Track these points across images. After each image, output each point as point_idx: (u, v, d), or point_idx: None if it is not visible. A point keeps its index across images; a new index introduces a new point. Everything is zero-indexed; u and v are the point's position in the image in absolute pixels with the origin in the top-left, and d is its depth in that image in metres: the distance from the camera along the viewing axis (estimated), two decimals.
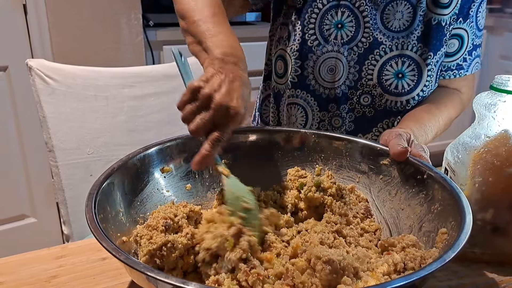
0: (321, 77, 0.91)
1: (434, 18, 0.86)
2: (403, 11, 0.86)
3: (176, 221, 0.56)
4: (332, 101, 0.93)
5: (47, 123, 1.04)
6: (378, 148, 0.69)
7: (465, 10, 0.88)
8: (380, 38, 0.88)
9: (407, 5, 0.86)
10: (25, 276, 0.61)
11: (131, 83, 1.15)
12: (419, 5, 0.86)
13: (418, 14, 0.86)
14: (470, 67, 0.93)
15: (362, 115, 0.94)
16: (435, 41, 0.88)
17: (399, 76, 0.89)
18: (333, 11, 0.88)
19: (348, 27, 0.88)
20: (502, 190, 0.61)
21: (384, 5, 0.87)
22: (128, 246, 0.56)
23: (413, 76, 0.89)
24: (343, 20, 0.88)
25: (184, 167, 0.71)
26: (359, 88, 0.91)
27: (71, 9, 1.68)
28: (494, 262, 0.64)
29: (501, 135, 0.62)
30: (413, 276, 0.42)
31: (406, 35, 0.87)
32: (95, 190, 0.55)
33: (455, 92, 0.96)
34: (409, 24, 0.87)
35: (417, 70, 0.89)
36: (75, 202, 1.08)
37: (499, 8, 2.81)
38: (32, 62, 1.03)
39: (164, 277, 0.41)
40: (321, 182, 0.66)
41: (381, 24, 0.87)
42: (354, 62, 0.90)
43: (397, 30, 0.87)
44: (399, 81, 0.89)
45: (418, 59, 0.88)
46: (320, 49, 0.89)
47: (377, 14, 0.87)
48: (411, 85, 0.89)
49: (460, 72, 0.93)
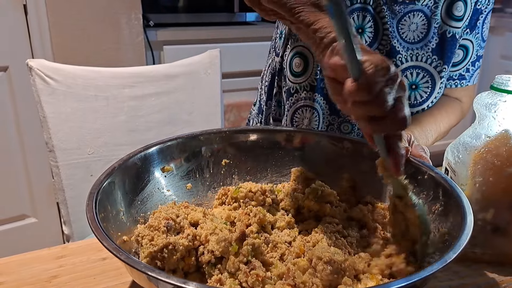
0: None
1: (449, 30, 0.86)
2: (418, 23, 0.86)
3: (178, 222, 0.56)
4: None
5: (47, 123, 1.04)
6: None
7: (473, 22, 0.88)
8: (398, 47, 0.87)
9: (422, 17, 0.85)
10: (26, 276, 0.61)
11: (132, 83, 1.15)
12: (434, 17, 0.85)
13: (433, 26, 0.86)
14: (472, 77, 0.93)
15: None
16: (450, 53, 0.87)
17: (413, 87, 0.88)
18: (355, 15, 0.85)
19: (368, 33, 0.86)
20: (502, 190, 0.61)
21: (401, 15, 0.86)
22: (128, 245, 0.56)
23: (427, 88, 0.88)
24: (364, 24, 0.86)
25: (185, 167, 0.71)
26: None
27: (71, 9, 1.68)
28: (494, 262, 0.64)
29: (501, 135, 0.62)
30: (414, 277, 0.42)
31: (421, 47, 0.87)
32: (95, 190, 0.55)
33: (455, 100, 0.96)
34: (423, 36, 0.86)
35: (431, 82, 0.88)
36: (76, 202, 1.08)
37: (499, 8, 2.81)
38: (33, 62, 1.03)
39: (165, 277, 0.41)
40: (318, 190, 0.64)
41: (397, 34, 0.86)
42: None
43: (411, 42, 0.87)
44: (412, 92, 0.88)
45: (432, 71, 0.88)
46: None
47: (394, 23, 0.86)
48: (423, 96, 0.89)
49: (462, 82, 0.93)
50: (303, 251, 0.55)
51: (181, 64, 1.23)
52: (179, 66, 1.23)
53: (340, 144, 0.73)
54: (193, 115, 1.24)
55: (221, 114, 1.29)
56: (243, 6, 2.23)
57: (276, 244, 0.56)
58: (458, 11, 0.85)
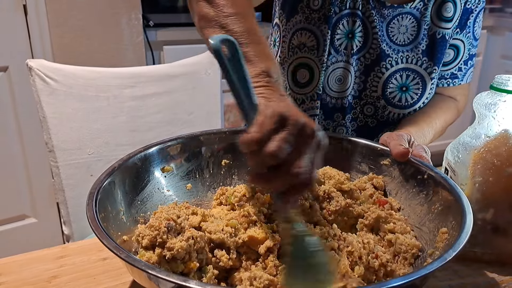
0: (329, 86, 0.90)
1: (439, 32, 0.86)
2: (407, 25, 0.86)
3: (179, 223, 0.56)
4: (339, 110, 0.92)
5: (47, 123, 1.04)
6: (378, 149, 0.69)
7: (463, 21, 0.88)
8: (387, 51, 0.87)
9: (411, 19, 0.85)
10: (26, 276, 0.61)
11: (132, 83, 1.15)
12: (423, 19, 0.85)
13: (423, 28, 0.86)
14: (465, 76, 0.93)
15: (364, 124, 0.93)
16: (440, 54, 0.87)
17: (403, 89, 0.88)
18: (345, 20, 0.86)
19: (358, 37, 0.87)
20: (502, 189, 0.61)
21: (390, 18, 0.86)
22: (129, 245, 0.56)
23: (417, 90, 0.89)
24: (354, 29, 0.86)
25: (185, 167, 0.71)
26: (363, 98, 0.91)
27: (71, 9, 1.68)
28: (494, 262, 0.64)
29: (501, 135, 0.62)
30: (414, 275, 0.42)
31: (411, 49, 0.87)
32: (96, 189, 0.55)
33: (450, 99, 0.96)
34: (413, 38, 0.86)
35: (421, 84, 0.88)
36: (76, 202, 1.08)
37: (499, 8, 2.81)
38: (32, 62, 1.03)
39: (165, 275, 0.41)
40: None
41: (387, 37, 0.87)
42: (360, 73, 0.89)
43: (401, 44, 0.87)
44: (403, 94, 0.89)
45: (423, 73, 0.88)
46: (330, 58, 0.88)
47: (384, 26, 0.86)
48: (414, 98, 0.89)
49: (455, 81, 0.93)
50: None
51: (181, 64, 1.23)
52: (179, 66, 1.23)
53: (340, 144, 0.73)
54: (193, 115, 1.24)
55: (221, 114, 1.30)
56: None
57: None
58: (448, 12, 0.85)
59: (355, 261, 0.53)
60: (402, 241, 0.56)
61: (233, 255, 0.53)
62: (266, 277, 0.49)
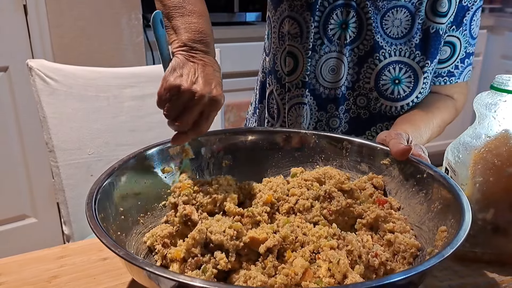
0: (322, 77, 0.91)
1: (432, 26, 0.86)
2: (402, 19, 0.86)
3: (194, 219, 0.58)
4: (332, 101, 0.93)
5: (47, 123, 1.04)
6: (378, 148, 0.69)
7: (459, 18, 0.88)
8: (381, 43, 0.87)
9: (406, 12, 0.86)
10: (26, 276, 0.61)
11: (132, 83, 1.15)
12: (418, 13, 0.86)
13: (417, 22, 0.86)
14: (462, 74, 0.93)
15: (357, 116, 0.94)
16: (433, 49, 0.88)
17: (396, 82, 0.89)
18: (339, 10, 0.87)
19: (352, 28, 0.87)
20: (502, 190, 0.61)
21: (385, 10, 0.86)
22: (129, 245, 0.56)
23: (409, 83, 0.89)
24: (348, 20, 0.87)
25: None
26: (356, 89, 0.91)
27: (71, 9, 1.68)
28: (494, 262, 0.64)
29: (501, 134, 0.62)
30: (411, 271, 0.41)
31: (404, 42, 0.87)
32: (95, 189, 0.55)
33: (447, 97, 0.96)
34: (407, 31, 0.87)
35: (413, 77, 0.89)
36: (76, 202, 1.08)
37: (499, 8, 2.82)
38: (33, 62, 1.04)
39: (164, 272, 0.41)
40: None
41: (381, 29, 0.87)
42: (354, 64, 0.90)
43: (395, 37, 0.87)
44: (395, 87, 0.89)
45: (415, 66, 0.88)
46: (323, 48, 0.89)
47: (378, 18, 0.87)
48: (406, 91, 0.90)
49: (451, 79, 0.93)
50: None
51: None
52: None
53: (339, 144, 0.73)
54: None
55: (221, 114, 1.29)
56: (243, 6, 2.23)
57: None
58: (442, 7, 0.86)
59: (354, 260, 0.53)
60: (401, 241, 0.56)
61: (232, 258, 0.53)
62: (260, 278, 0.49)
